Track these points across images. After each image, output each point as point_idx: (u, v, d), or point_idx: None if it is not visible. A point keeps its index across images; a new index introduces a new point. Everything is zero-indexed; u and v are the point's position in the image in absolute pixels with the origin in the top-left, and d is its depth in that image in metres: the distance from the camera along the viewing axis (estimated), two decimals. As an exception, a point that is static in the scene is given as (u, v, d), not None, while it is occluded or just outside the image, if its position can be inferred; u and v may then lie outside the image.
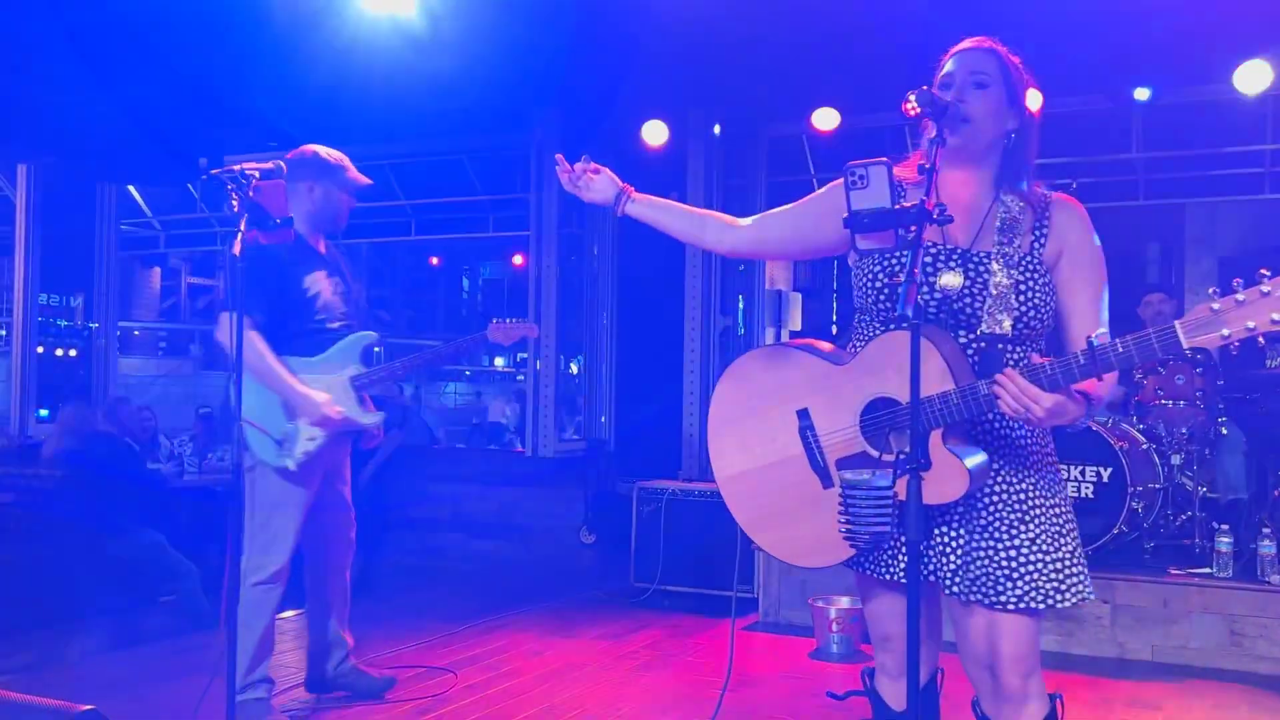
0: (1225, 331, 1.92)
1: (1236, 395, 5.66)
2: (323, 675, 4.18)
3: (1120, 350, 1.98)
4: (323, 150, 3.98)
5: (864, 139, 7.34)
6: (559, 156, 2.69)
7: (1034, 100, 2.45)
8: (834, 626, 4.95)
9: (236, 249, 2.83)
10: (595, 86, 7.04)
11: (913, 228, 2.09)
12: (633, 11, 6.20)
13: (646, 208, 2.66)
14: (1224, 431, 5.54)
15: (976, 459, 2.15)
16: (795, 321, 10.16)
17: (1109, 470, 5.11)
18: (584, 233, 8.03)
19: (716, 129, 7.32)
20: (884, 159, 2.13)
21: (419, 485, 8.66)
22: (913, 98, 2.18)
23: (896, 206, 2.10)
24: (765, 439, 2.37)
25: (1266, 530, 4.86)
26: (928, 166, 2.15)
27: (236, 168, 3.04)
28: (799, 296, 10.70)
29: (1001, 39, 2.40)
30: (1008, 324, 2.20)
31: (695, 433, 7.19)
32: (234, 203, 2.97)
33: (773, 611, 5.58)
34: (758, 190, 7.78)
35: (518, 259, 21.53)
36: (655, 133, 7.07)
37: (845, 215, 2.14)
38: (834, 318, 14.20)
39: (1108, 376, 2.10)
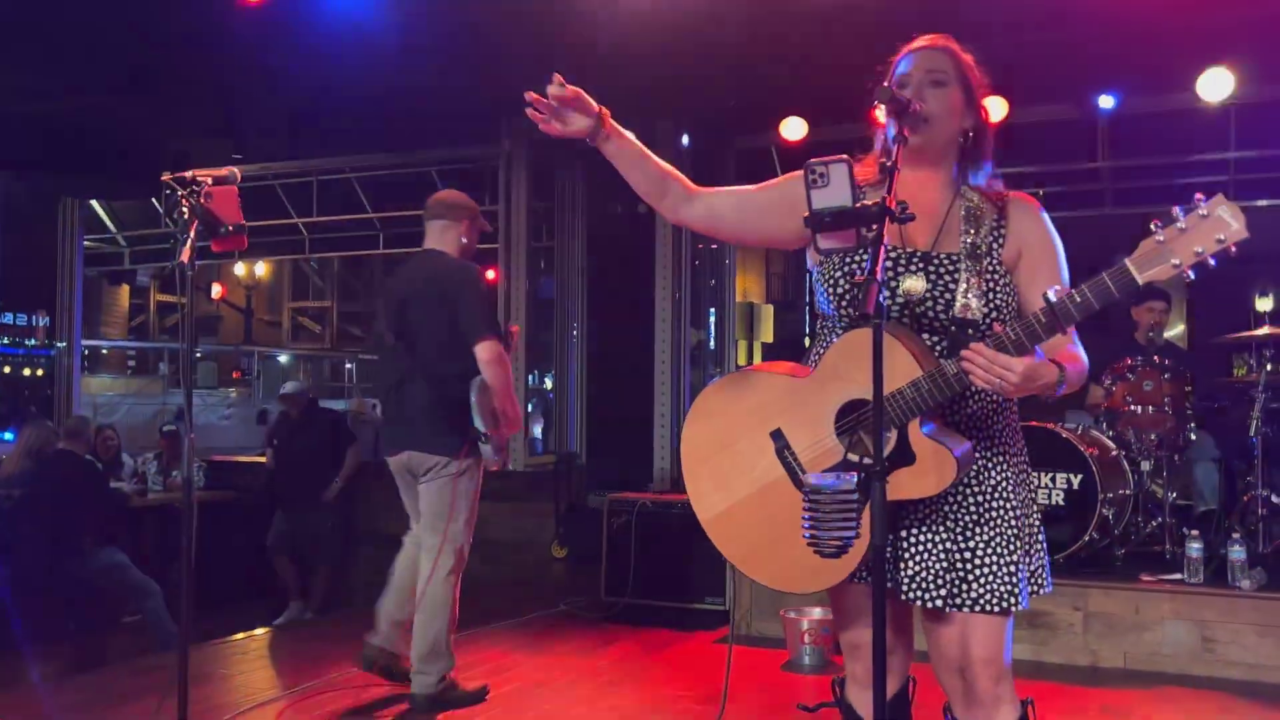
0: (1175, 261, 1.91)
1: (1205, 402, 5.67)
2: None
3: (1078, 299, 1.97)
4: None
5: (832, 149, 7.32)
6: (530, 95, 2.40)
7: (998, 108, 2.44)
8: (806, 638, 4.90)
9: (185, 256, 2.76)
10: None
11: (874, 226, 2.06)
12: (600, 22, 6.18)
13: (618, 150, 2.42)
14: (1193, 438, 5.55)
15: (962, 446, 2.11)
16: (767, 334, 10.14)
17: (1079, 477, 5.09)
18: (553, 245, 7.99)
19: (685, 139, 7.30)
20: (844, 156, 2.09)
21: (391, 499, 8.57)
22: (877, 97, 2.15)
23: (857, 205, 2.07)
24: (743, 471, 2.29)
25: (1236, 536, 4.85)
26: (889, 165, 2.12)
27: (188, 174, 2.98)
28: (770, 309, 10.71)
29: (968, 50, 2.39)
30: (975, 313, 2.17)
31: (666, 445, 7.15)
32: (184, 209, 2.91)
33: (744, 624, 5.53)
34: (727, 201, 7.77)
35: (490, 274, 21.41)
36: (623, 144, 7.03)
37: (806, 214, 2.10)
38: (806, 330, 14.23)
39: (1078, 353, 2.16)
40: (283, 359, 26.52)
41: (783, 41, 6.10)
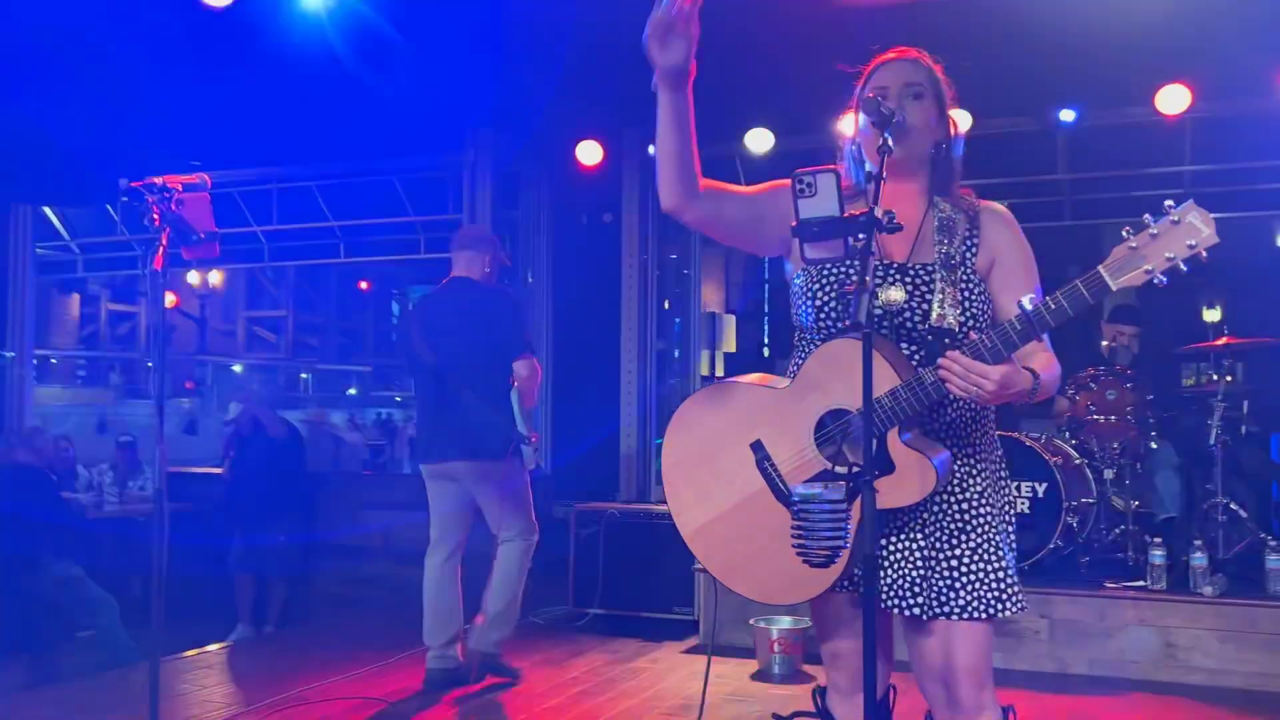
0: (1148, 267, 1.95)
1: (1166, 411, 5.76)
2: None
3: (1053, 306, 2.00)
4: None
5: (798, 160, 7.36)
6: None
7: (964, 120, 2.46)
8: (776, 647, 4.90)
9: (158, 263, 2.72)
10: (529, 107, 6.99)
11: (861, 236, 2.07)
12: (566, 31, 6.18)
13: (685, 104, 2.27)
14: (1154, 446, 5.63)
15: (940, 455, 2.12)
16: (729, 343, 10.18)
17: (1044, 486, 5.15)
18: (518, 253, 7.95)
19: (651, 149, 7.29)
20: (832, 167, 2.11)
21: (347, 512, 8.48)
22: (861, 107, 2.17)
23: (846, 215, 2.08)
24: (723, 483, 2.28)
25: (1198, 543, 4.93)
26: (875, 174, 2.13)
27: (157, 180, 2.93)
28: (733, 318, 10.75)
29: (937, 62, 2.40)
30: (952, 322, 2.19)
31: (633, 454, 7.13)
32: (155, 216, 2.86)
33: (713, 633, 5.53)
34: (692, 211, 7.78)
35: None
36: (589, 152, 7.03)
37: (793, 223, 2.11)
38: (765, 339, 14.29)
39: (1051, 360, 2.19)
40: (237, 368, 26.21)
41: (748, 53, 6.12)
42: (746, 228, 2.45)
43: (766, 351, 14.00)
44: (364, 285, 28.50)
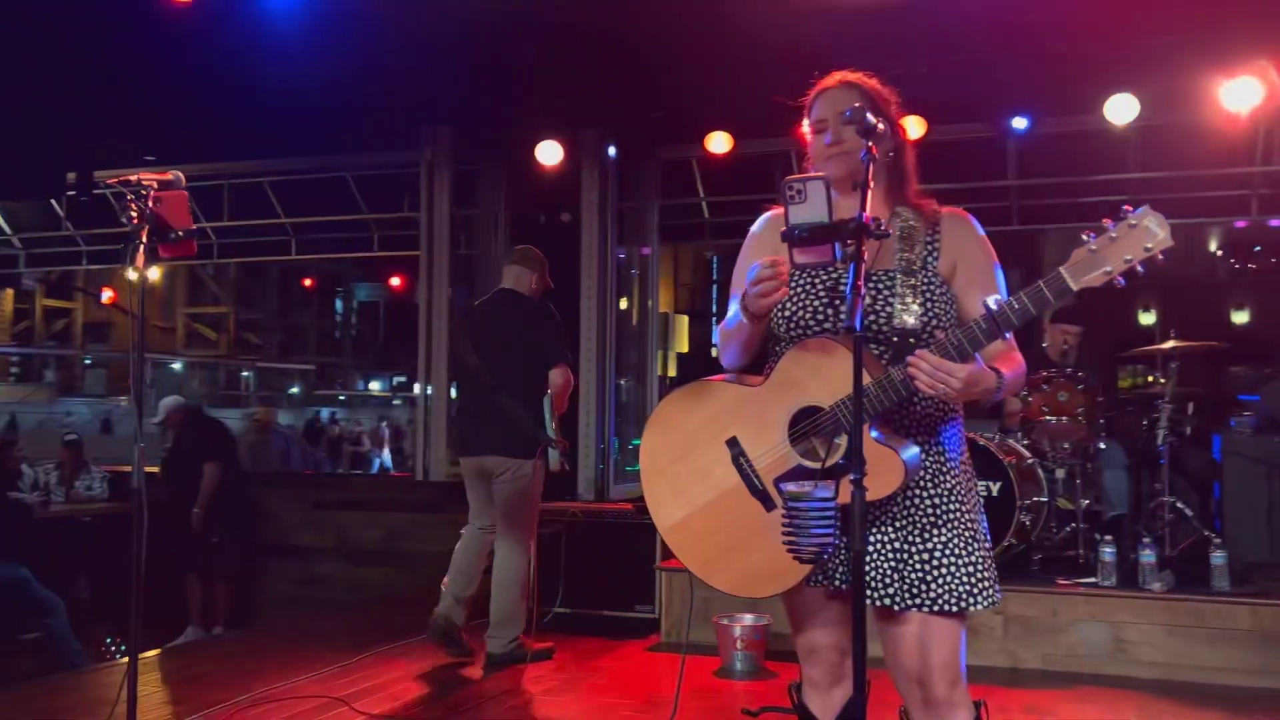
0: (1108, 268, 2.03)
1: (1107, 413, 5.91)
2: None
3: (1017, 306, 2.09)
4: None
5: (753, 163, 7.47)
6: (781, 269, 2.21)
7: (916, 126, 2.54)
8: (738, 644, 4.96)
9: (140, 262, 2.70)
10: (489, 105, 6.99)
11: (850, 241, 2.13)
12: (527, 31, 6.19)
13: (754, 330, 2.35)
14: (1103, 447, 5.78)
15: (909, 450, 2.19)
16: (682, 344, 10.26)
17: (998, 485, 5.27)
18: (475, 254, 7.93)
19: (611, 150, 7.33)
20: (822, 174, 2.16)
21: (301, 512, 8.40)
22: (848, 117, 2.24)
23: (835, 221, 2.13)
24: (699, 479, 2.34)
25: (1146, 540, 5.09)
26: (862, 183, 2.19)
27: (133, 178, 2.90)
28: (685, 319, 10.83)
29: (888, 70, 2.49)
30: (913, 322, 2.26)
31: (592, 455, 7.16)
32: (133, 215, 2.83)
33: (675, 631, 5.58)
34: (650, 212, 7.83)
35: (395, 281, 21.06)
36: (550, 153, 7.05)
37: (782, 228, 2.16)
38: (714, 340, 14.41)
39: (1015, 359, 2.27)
40: (177, 366, 25.76)
41: (709, 56, 6.18)
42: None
43: (715, 351, 14.12)
44: (308, 283, 28.15)
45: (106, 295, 19.26)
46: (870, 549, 2.28)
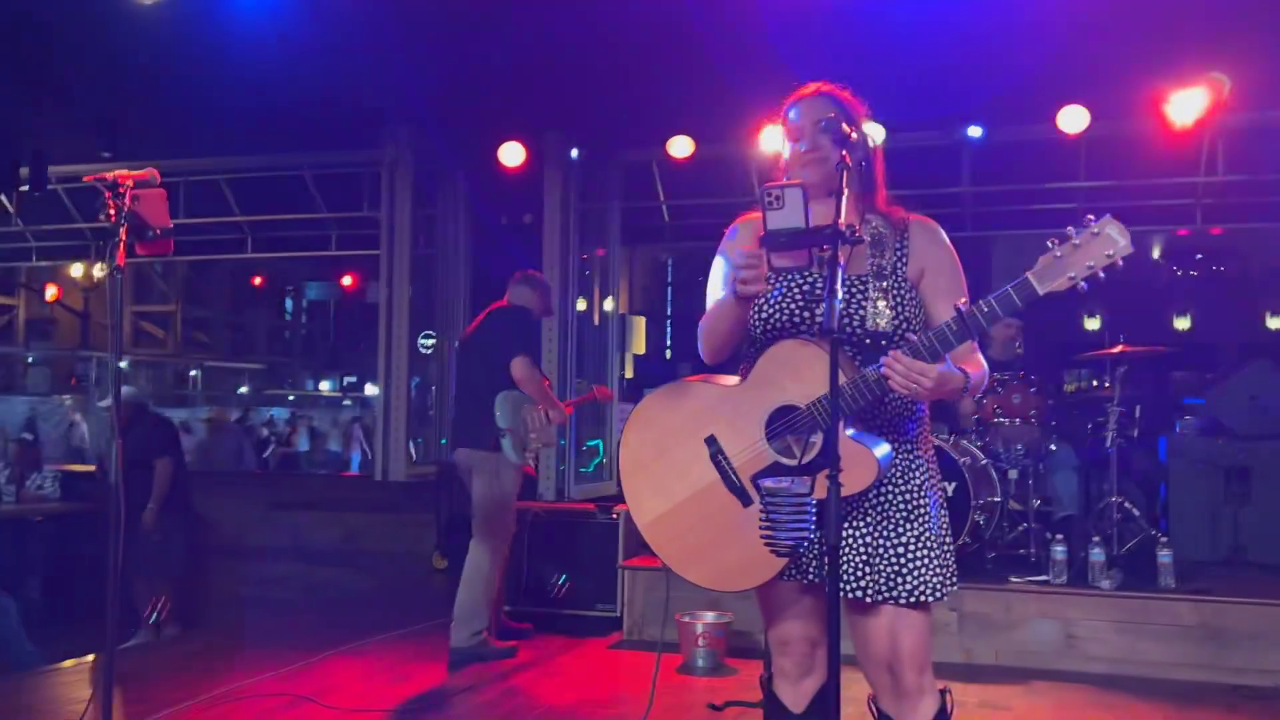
0: (1071, 274, 2.13)
1: (1064, 414, 6.06)
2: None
3: (985, 310, 2.18)
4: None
5: (714, 167, 7.55)
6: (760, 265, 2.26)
7: (878, 134, 2.63)
8: (700, 641, 5.03)
9: (120, 260, 2.70)
10: (452, 105, 7.00)
11: (826, 247, 2.20)
12: (491, 32, 6.21)
13: (741, 312, 2.40)
14: (1054, 448, 5.92)
15: (882, 448, 2.28)
16: (639, 345, 10.31)
17: (953, 485, 5.38)
18: (435, 254, 7.93)
19: (574, 152, 7.37)
20: (799, 182, 2.24)
21: (255, 512, 8.34)
22: (823, 128, 2.33)
23: (812, 227, 2.21)
24: (679, 476, 2.40)
25: (1096, 539, 5.23)
26: (839, 190, 2.27)
27: (109, 175, 2.90)
28: (642, 320, 10.88)
29: (846, 77, 2.57)
30: (885, 326, 2.35)
31: (551, 454, 7.18)
32: (110, 212, 2.83)
33: (637, 629, 5.64)
34: (611, 214, 7.88)
35: (347, 280, 20.84)
36: (512, 154, 7.07)
37: (761, 234, 2.23)
38: (668, 342, 14.45)
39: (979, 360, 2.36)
40: (122, 364, 25.28)
41: (671, 61, 6.25)
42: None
43: (669, 354, 14.17)
44: (258, 281, 27.76)
45: (50, 292, 18.87)
46: (844, 543, 2.36)
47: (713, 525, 2.37)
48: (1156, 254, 13.97)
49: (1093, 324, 13.39)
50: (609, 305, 8.31)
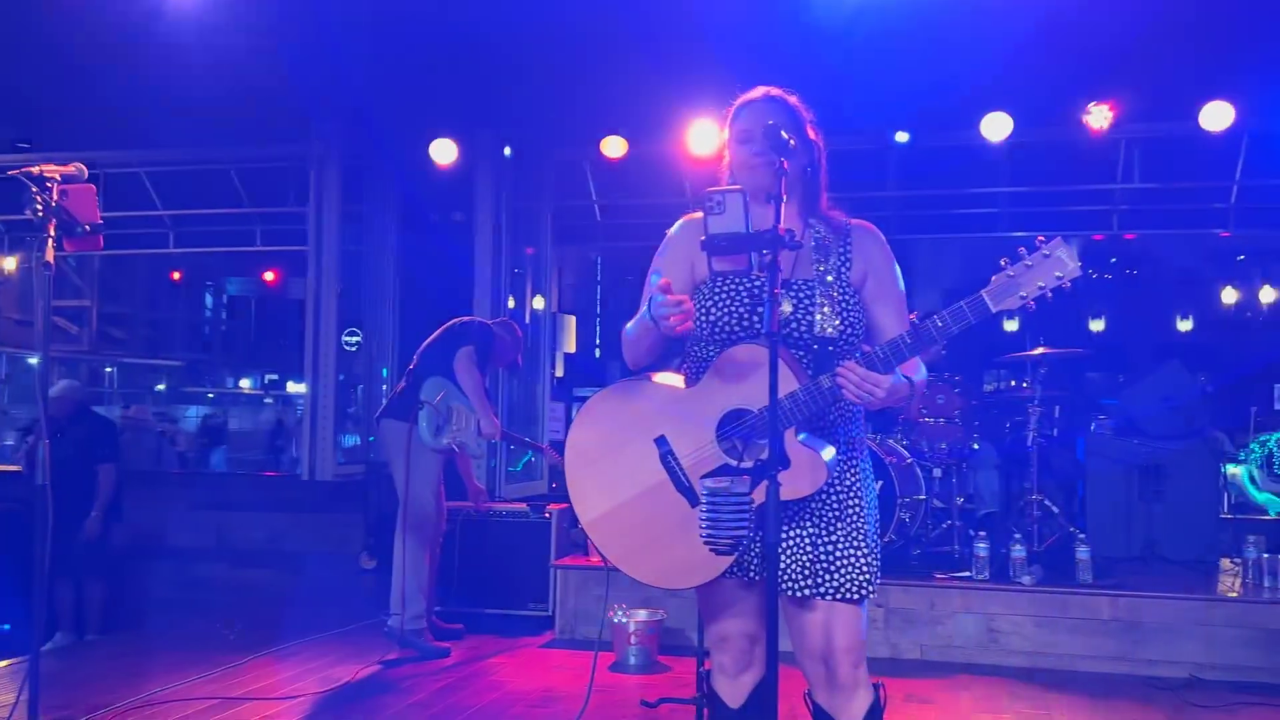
0: (1023, 293, 2.23)
1: (986, 414, 6.21)
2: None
3: (940, 324, 2.26)
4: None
5: (645, 166, 7.59)
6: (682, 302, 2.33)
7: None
8: (633, 639, 5.06)
9: (49, 255, 2.64)
10: (382, 100, 6.93)
11: (766, 251, 2.25)
12: (423, 26, 6.16)
13: (664, 341, 2.46)
14: (976, 447, 6.07)
15: (829, 452, 2.33)
16: (570, 344, 10.33)
17: (880, 483, 5.49)
18: (365, 250, 7.85)
19: (507, 150, 7.35)
20: (739, 187, 2.28)
21: (176, 513, 8.18)
22: (763, 134, 2.36)
23: (752, 231, 2.25)
24: (627, 474, 2.42)
25: (1016, 536, 5.37)
26: (776, 195, 2.31)
27: (35, 170, 2.84)
28: (573, 319, 10.90)
29: (778, 80, 2.61)
30: (833, 331, 2.40)
31: (484, 455, 7.15)
32: (38, 207, 2.77)
33: (569, 628, 5.65)
34: (544, 214, 7.87)
35: (269, 275, 20.47)
36: (444, 151, 7.03)
37: (702, 238, 2.27)
38: (598, 340, 14.45)
39: (920, 366, 2.43)
40: (34, 361, 24.58)
41: (604, 60, 6.27)
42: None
43: (599, 353, 14.17)
44: (176, 276, 27.10)
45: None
46: (791, 544, 2.41)
47: (659, 524, 2.40)
48: (1073, 258, 14.30)
49: (1011, 325, 13.71)
50: (539, 304, 8.30)
